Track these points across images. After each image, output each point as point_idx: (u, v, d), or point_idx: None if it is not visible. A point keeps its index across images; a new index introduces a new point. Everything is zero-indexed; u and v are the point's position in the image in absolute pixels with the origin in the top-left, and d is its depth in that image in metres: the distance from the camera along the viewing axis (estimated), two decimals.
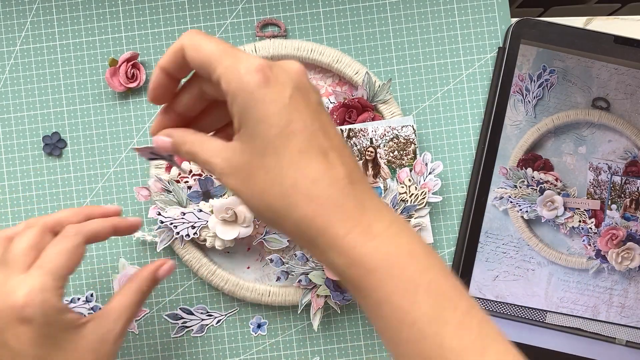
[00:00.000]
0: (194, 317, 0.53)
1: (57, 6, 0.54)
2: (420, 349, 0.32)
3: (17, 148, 0.54)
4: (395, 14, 0.55)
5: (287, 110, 0.33)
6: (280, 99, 0.33)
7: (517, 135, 0.53)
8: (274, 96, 0.33)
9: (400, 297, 0.32)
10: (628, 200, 0.54)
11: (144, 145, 0.41)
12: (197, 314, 0.53)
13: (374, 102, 0.52)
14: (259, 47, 0.53)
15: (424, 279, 0.32)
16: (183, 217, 0.51)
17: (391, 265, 0.32)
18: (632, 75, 0.53)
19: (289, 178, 0.33)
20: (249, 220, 0.50)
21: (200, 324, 0.53)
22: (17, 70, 0.54)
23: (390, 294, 0.32)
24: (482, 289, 0.53)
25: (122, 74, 0.53)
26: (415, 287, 0.32)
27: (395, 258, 0.32)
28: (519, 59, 0.53)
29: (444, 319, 0.32)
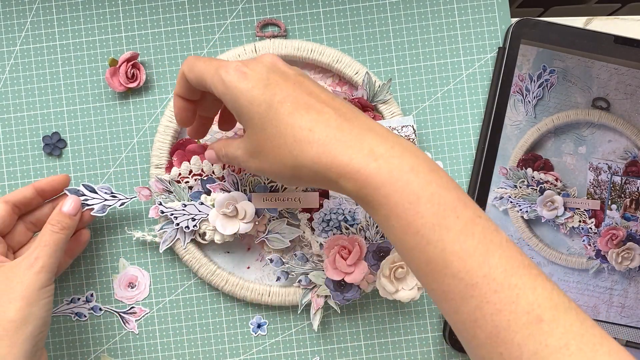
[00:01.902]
0: (97, 195, 0.51)
1: (57, 6, 0.54)
2: (425, 254, 0.34)
3: (17, 148, 0.54)
4: (395, 14, 0.55)
5: (267, 88, 0.38)
6: (259, 83, 0.38)
7: (517, 135, 0.53)
8: (254, 83, 0.38)
9: (404, 209, 0.35)
10: (628, 200, 0.54)
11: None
12: (100, 193, 0.51)
13: (374, 102, 0.52)
14: (259, 47, 0.53)
15: (426, 191, 0.35)
16: (184, 209, 0.51)
17: (395, 181, 0.35)
18: (632, 75, 0.53)
19: (289, 136, 0.37)
20: (250, 216, 0.50)
21: (102, 204, 0.50)
22: (17, 70, 0.54)
23: (395, 206, 0.35)
24: None
25: (122, 74, 0.53)
26: (417, 199, 0.34)
27: (398, 174, 0.35)
28: (519, 59, 0.53)
29: (446, 225, 0.34)
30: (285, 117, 0.38)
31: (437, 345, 0.54)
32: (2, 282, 0.43)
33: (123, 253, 0.54)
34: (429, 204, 0.34)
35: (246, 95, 0.38)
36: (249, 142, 0.40)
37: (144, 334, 0.54)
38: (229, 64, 0.39)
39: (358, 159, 0.36)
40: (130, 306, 0.54)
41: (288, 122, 0.38)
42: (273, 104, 0.38)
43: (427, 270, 0.35)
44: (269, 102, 0.38)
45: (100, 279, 0.54)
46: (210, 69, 0.40)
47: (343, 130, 0.37)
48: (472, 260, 0.33)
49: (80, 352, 0.54)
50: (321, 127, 0.37)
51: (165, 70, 0.54)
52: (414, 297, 0.49)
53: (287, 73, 0.40)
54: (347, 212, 0.52)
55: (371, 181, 0.35)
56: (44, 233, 0.46)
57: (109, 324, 0.54)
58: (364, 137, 0.37)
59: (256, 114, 0.38)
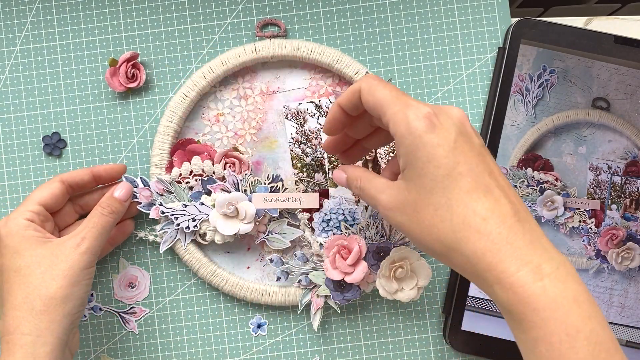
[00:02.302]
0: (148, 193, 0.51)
1: (57, 6, 0.54)
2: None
3: (17, 148, 0.54)
4: (395, 14, 0.54)
5: (453, 153, 0.36)
6: (446, 143, 0.36)
7: (517, 135, 0.53)
8: (440, 140, 0.36)
9: (559, 340, 0.33)
10: (628, 200, 0.54)
11: None
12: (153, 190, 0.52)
13: None
14: (259, 47, 0.53)
15: (587, 326, 0.33)
16: (184, 209, 0.51)
17: (556, 308, 0.33)
18: (632, 75, 0.53)
19: (459, 215, 0.35)
20: (250, 217, 0.50)
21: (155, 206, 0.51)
22: (17, 70, 0.54)
23: (551, 334, 0.33)
24: None
25: (122, 74, 0.53)
26: (576, 333, 0.33)
27: (561, 301, 0.33)
28: (519, 59, 0.53)
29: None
30: (461, 193, 0.35)
31: (437, 345, 0.54)
32: (47, 257, 0.44)
33: (123, 253, 0.54)
34: (586, 340, 0.33)
35: (429, 150, 0.36)
36: (403, 195, 0.38)
37: (144, 334, 0.54)
38: (420, 107, 0.37)
39: (524, 273, 0.34)
40: (130, 306, 0.54)
41: (462, 200, 0.35)
42: (453, 173, 0.36)
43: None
44: (449, 169, 0.36)
45: (100, 279, 0.54)
46: (397, 103, 0.37)
47: (516, 233, 0.35)
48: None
49: (81, 352, 0.54)
50: (496, 221, 0.35)
51: (165, 70, 0.54)
52: (414, 297, 0.49)
53: (472, 139, 0.37)
54: (347, 212, 0.52)
55: (532, 301, 0.33)
56: (94, 215, 0.47)
57: (109, 324, 0.54)
58: (534, 248, 0.35)
59: (430, 174, 0.36)
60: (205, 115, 0.54)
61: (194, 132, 0.54)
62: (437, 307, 0.54)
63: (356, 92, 0.40)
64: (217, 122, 0.54)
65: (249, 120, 0.54)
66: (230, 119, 0.54)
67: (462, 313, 0.53)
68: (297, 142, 0.53)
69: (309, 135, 0.53)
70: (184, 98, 0.52)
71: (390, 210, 0.38)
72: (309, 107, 0.53)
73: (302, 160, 0.53)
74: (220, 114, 0.54)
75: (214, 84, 0.53)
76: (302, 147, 0.53)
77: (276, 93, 0.54)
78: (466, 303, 0.53)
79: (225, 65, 0.52)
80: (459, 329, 0.53)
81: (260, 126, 0.54)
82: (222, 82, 0.54)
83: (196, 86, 0.52)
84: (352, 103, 0.41)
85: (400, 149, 0.37)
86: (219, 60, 0.53)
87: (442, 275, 0.54)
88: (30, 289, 0.43)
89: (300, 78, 0.54)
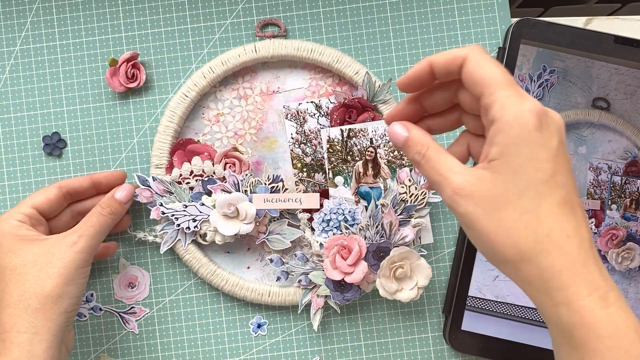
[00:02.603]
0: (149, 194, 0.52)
1: (57, 6, 0.54)
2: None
3: (17, 148, 0.54)
4: (395, 14, 0.54)
5: (554, 160, 0.33)
6: (550, 147, 0.33)
7: None
8: (545, 143, 0.33)
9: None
10: (628, 200, 0.54)
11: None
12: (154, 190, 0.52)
13: (374, 102, 0.52)
14: (259, 47, 0.53)
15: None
16: (185, 209, 0.51)
17: (620, 337, 0.33)
18: (632, 75, 0.53)
19: (546, 226, 0.33)
20: (251, 217, 0.50)
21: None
22: (17, 70, 0.54)
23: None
24: (482, 289, 0.53)
25: (122, 74, 0.53)
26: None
27: (625, 331, 0.33)
28: (519, 59, 0.53)
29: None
30: (553, 204, 0.33)
31: (437, 345, 0.54)
32: (43, 255, 0.44)
33: (123, 253, 0.54)
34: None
35: (533, 149, 0.33)
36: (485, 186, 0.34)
37: (144, 334, 0.54)
38: (533, 99, 0.34)
39: (593, 299, 0.33)
40: (130, 306, 0.54)
41: (553, 212, 0.33)
42: (551, 180, 0.33)
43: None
44: (549, 175, 0.33)
45: (100, 279, 0.54)
46: (510, 87, 0.34)
47: (591, 258, 0.34)
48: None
49: (81, 352, 0.54)
50: (577, 242, 0.33)
51: (165, 70, 0.54)
52: (414, 297, 0.49)
53: (566, 151, 0.35)
54: (347, 212, 0.52)
55: (597, 327, 0.33)
56: (92, 214, 0.47)
57: (109, 324, 0.54)
58: (602, 275, 0.34)
59: (527, 175, 0.33)
60: (205, 115, 0.54)
61: (194, 132, 0.54)
62: (437, 307, 0.54)
63: (458, 58, 0.35)
64: (217, 122, 0.54)
65: (249, 120, 0.54)
66: (230, 119, 0.54)
67: (462, 313, 0.53)
68: (297, 142, 0.53)
69: (309, 135, 0.53)
70: (184, 98, 0.52)
71: (464, 196, 0.34)
72: (309, 107, 0.53)
73: (302, 160, 0.53)
74: (220, 114, 0.54)
75: (214, 84, 0.53)
76: (302, 147, 0.53)
77: (276, 93, 0.54)
78: (466, 303, 0.53)
79: (225, 65, 0.52)
80: (459, 329, 0.53)
81: (260, 126, 0.54)
82: (222, 82, 0.54)
83: (196, 86, 0.52)
84: (447, 68, 0.36)
85: (499, 137, 0.33)
86: (219, 60, 0.53)
87: (442, 275, 0.54)
88: (25, 287, 0.43)
89: (300, 78, 0.54)
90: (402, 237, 0.51)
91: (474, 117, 0.38)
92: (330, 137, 0.52)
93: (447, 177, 0.35)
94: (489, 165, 0.34)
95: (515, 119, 0.33)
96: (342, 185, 0.52)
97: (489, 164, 0.34)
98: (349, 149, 0.52)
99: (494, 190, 0.34)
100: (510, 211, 0.33)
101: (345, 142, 0.52)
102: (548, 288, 0.34)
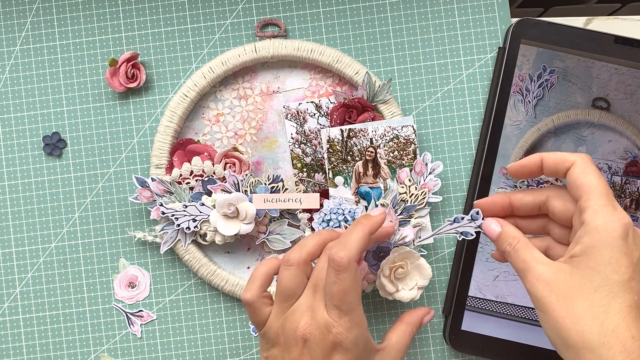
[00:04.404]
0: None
1: (57, 6, 0.54)
2: None
3: (17, 148, 0.54)
4: (395, 14, 0.54)
5: (633, 268, 0.37)
6: (631, 256, 0.37)
7: (517, 135, 0.53)
8: (628, 251, 0.37)
9: None
10: (628, 200, 0.54)
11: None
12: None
13: (374, 102, 0.52)
14: (259, 47, 0.53)
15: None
16: (185, 209, 0.51)
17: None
18: (632, 75, 0.53)
19: (612, 322, 0.36)
20: (251, 217, 0.50)
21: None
22: (17, 70, 0.54)
23: None
24: (482, 289, 0.53)
25: (122, 74, 0.53)
26: None
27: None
28: (519, 59, 0.53)
29: None
30: (624, 305, 0.37)
31: (437, 345, 0.54)
32: None
33: (123, 253, 0.54)
34: None
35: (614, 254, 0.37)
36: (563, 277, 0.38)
37: (144, 334, 0.54)
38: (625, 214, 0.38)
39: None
40: (138, 309, 0.54)
41: (622, 312, 0.36)
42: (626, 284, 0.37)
43: None
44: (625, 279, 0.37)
45: (100, 279, 0.54)
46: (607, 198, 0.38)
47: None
48: None
49: (81, 352, 0.54)
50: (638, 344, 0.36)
51: (165, 70, 0.54)
52: (414, 297, 0.49)
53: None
54: (347, 212, 0.52)
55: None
56: None
57: (109, 324, 0.54)
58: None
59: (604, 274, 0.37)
60: (205, 115, 0.54)
61: (194, 132, 0.54)
62: (437, 307, 0.54)
63: (567, 161, 0.40)
64: (217, 122, 0.54)
65: (249, 120, 0.54)
66: (230, 119, 0.54)
67: (462, 313, 0.53)
68: (297, 142, 0.53)
69: (309, 135, 0.53)
70: (184, 98, 0.52)
71: (542, 282, 0.38)
72: (309, 107, 0.53)
73: (302, 161, 0.53)
74: (220, 114, 0.54)
75: (214, 84, 0.53)
76: (302, 147, 0.53)
77: (276, 93, 0.54)
78: (466, 303, 0.53)
79: (225, 65, 0.52)
80: (459, 329, 0.53)
81: (260, 126, 0.54)
82: (222, 82, 0.54)
83: (196, 86, 0.52)
84: (555, 166, 0.41)
85: (585, 238, 0.38)
86: (219, 60, 0.53)
87: (442, 275, 0.54)
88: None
89: (300, 78, 0.54)
90: (402, 237, 0.51)
91: (560, 226, 0.43)
92: (330, 137, 0.52)
93: (532, 266, 0.39)
94: (570, 260, 0.38)
95: (603, 225, 0.37)
96: (342, 185, 0.52)
97: (571, 259, 0.38)
98: (349, 149, 0.52)
99: (570, 282, 0.37)
100: (581, 302, 0.37)
101: (345, 142, 0.52)
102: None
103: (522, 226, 0.45)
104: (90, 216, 0.54)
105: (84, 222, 0.54)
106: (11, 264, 0.54)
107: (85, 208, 0.54)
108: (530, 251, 0.40)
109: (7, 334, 0.54)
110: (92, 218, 0.54)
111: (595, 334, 0.36)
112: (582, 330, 0.36)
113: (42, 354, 0.54)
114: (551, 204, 0.42)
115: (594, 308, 0.37)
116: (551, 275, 0.38)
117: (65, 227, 0.54)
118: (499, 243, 0.43)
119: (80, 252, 0.54)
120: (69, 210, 0.54)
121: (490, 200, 0.45)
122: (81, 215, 0.54)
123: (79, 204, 0.54)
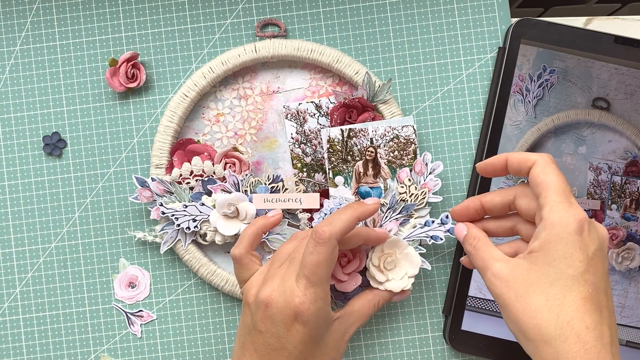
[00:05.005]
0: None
1: (57, 6, 0.54)
2: None
3: (17, 148, 0.54)
4: (395, 14, 0.54)
5: (587, 262, 0.38)
6: (586, 250, 0.39)
7: (517, 135, 0.53)
8: (583, 246, 0.39)
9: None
10: (628, 200, 0.54)
11: None
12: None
13: (374, 102, 0.52)
14: (259, 47, 0.53)
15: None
16: (185, 209, 0.51)
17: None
18: (632, 75, 0.53)
19: (567, 314, 0.38)
20: (251, 217, 0.50)
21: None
22: (17, 70, 0.54)
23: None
24: (482, 289, 0.53)
25: (122, 74, 0.53)
26: None
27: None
28: (519, 59, 0.53)
29: None
30: (578, 297, 0.38)
31: (437, 345, 0.54)
32: None
33: (123, 253, 0.54)
34: None
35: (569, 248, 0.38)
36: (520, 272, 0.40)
37: (144, 334, 0.54)
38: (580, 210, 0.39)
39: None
40: (138, 309, 0.54)
41: (576, 304, 0.38)
42: (580, 277, 0.38)
43: None
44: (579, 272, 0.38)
45: (100, 279, 0.54)
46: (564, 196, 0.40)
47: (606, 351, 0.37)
48: None
49: (81, 352, 0.54)
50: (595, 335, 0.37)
51: (165, 70, 0.54)
52: (404, 286, 0.48)
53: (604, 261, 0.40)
54: None
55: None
56: None
57: (109, 324, 0.54)
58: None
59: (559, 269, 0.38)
60: (205, 115, 0.54)
61: (194, 132, 0.54)
62: (437, 307, 0.54)
63: (529, 160, 0.42)
64: (217, 122, 0.54)
65: (249, 120, 0.54)
66: (230, 119, 0.54)
67: (462, 313, 0.53)
68: (297, 142, 0.53)
69: (309, 135, 0.53)
70: (184, 98, 0.52)
71: (499, 279, 0.40)
72: (309, 107, 0.53)
73: (302, 160, 0.53)
74: (220, 114, 0.54)
75: (214, 84, 0.53)
76: (302, 147, 0.53)
77: (276, 93, 0.54)
78: (466, 303, 0.53)
79: (225, 65, 0.52)
80: (459, 329, 0.53)
81: (260, 126, 0.54)
82: (222, 82, 0.54)
83: (196, 86, 0.52)
84: (519, 165, 0.43)
85: (543, 234, 0.39)
86: (219, 60, 0.53)
87: (442, 275, 0.54)
88: None
89: (300, 78, 0.54)
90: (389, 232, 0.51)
91: (527, 225, 0.44)
92: (330, 137, 0.52)
93: (489, 263, 0.41)
94: (528, 256, 0.40)
95: (559, 220, 0.39)
96: (342, 185, 0.52)
97: (529, 254, 0.40)
98: (349, 149, 0.52)
99: (527, 277, 0.39)
100: (537, 296, 0.38)
101: (345, 142, 0.52)
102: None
103: (493, 228, 0.46)
104: (90, 216, 0.54)
105: (84, 222, 0.54)
106: (11, 264, 0.54)
107: (85, 208, 0.54)
108: (489, 249, 0.42)
109: (7, 334, 0.54)
110: (92, 218, 0.54)
111: (552, 327, 0.37)
112: (539, 324, 0.38)
113: (42, 354, 0.54)
114: (517, 202, 0.44)
115: (550, 302, 0.38)
116: (508, 272, 0.40)
117: (65, 227, 0.54)
118: (464, 244, 0.45)
119: (80, 252, 0.54)
120: (69, 210, 0.54)
121: (464, 205, 0.47)
122: (81, 215, 0.54)
123: (79, 204, 0.54)
